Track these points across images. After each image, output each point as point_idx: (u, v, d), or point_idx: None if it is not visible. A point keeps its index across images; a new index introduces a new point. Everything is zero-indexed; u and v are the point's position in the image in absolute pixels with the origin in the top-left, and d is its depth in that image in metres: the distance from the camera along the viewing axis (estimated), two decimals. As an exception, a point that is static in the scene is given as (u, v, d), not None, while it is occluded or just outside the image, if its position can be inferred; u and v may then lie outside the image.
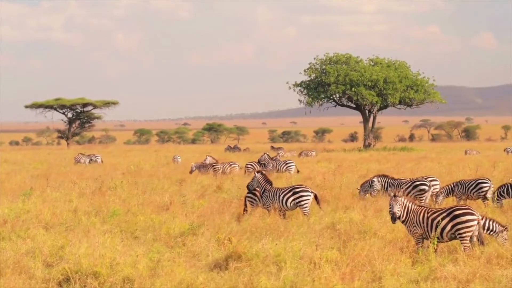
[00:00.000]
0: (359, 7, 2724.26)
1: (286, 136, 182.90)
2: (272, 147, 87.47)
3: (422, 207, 17.23)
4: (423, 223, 16.89)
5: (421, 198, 25.31)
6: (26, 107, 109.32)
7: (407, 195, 25.52)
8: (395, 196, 17.06)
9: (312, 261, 14.76)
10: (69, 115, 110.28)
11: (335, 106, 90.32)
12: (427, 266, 14.46)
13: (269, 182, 24.08)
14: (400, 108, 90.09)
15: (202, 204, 24.60)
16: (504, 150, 71.27)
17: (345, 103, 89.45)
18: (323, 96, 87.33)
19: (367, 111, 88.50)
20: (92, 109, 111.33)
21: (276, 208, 23.31)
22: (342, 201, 25.86)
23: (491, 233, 17.54)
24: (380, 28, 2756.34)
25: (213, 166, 42.89)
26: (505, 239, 17.42)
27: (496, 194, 24.69)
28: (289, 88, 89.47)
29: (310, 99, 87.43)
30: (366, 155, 69.35)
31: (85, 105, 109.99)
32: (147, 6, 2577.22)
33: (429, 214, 16.92)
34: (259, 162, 43.87)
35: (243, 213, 23.34)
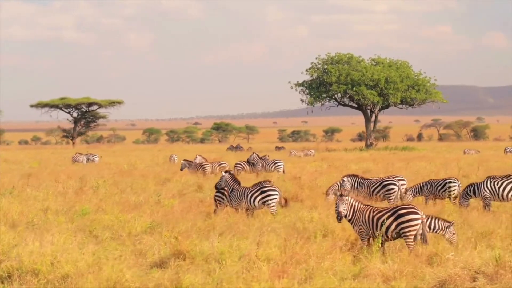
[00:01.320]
0: (371, 6, 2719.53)
1: (296, 135, 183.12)
2: (277, 147, 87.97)
3: (368, 206, 17.56)
4: (368, 222, 17.21)
5: (390, 198, 25.61)
6: (32, 106, 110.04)
7: (376, 194, 25.88)
8: (341, 195, 17.39)
9: (251, 258, 15.09)
10: (74, 114, 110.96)
11: (337, 105, 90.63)
12: (358, 264, 14.78)
13: (237, 181, 24.45)
14: (401, 108, 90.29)
15: (173, 204, 25.00)
16: (504, 150, 71.34)
17: (347, 102, 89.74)
18: (324, 95, 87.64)
19: (368, 111, 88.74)
20: (97, 109, 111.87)
21: (244, 207, 23.69)
22: (313, 200, 26.20)
23: (438, 231, 17.85)
24: (391, 28, 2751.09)
25: (202, 165, 43.27)
26: (453, 233, 17.73)
27: (463, 194, 24.95)
28: (291, 87, 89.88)
29: (312, 98, 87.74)
30: (365, 154, 69.62)
31: (90, 104, 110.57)
32: (157, 5, 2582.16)
33: (374, 213, 17.24)
34: (248, 161, 44.22)
35: (214, 212, 23.73)
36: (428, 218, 17.95)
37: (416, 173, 40.04)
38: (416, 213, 17.02)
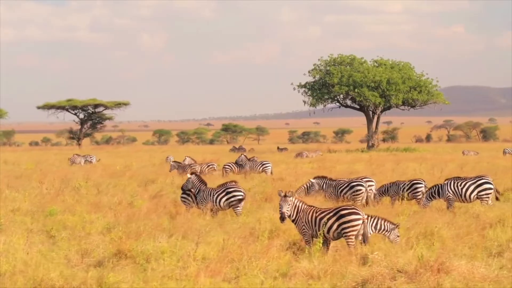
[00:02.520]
0: (384, 6, 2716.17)
1: (306, 136, 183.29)
2: (279, 148, 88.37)
3: (311, 207, 17.95)
4: (311, 222, 17.62)
5: (357, 198, 25.98)
6: (38, 108, 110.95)
7: (344, 195, 26.27)
8: (285, 196, 17.79)
9: (189, 257, 15.55)
10: (81, 115, 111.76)
11: (339, 107, 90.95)
12: (280, 262, 15.19)
13: (203, 182, 24.95)
14: (403, 109, 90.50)
15: (142, 204, 25.50)
16: (503, 152, 71.46)
17: (349, 104, 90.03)
18: (327, 97, 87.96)
19: (370, 112, 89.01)
20: (103, 110, 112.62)
21: (210, 207, 24.16)
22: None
23: (384, 232, 18.24)
24: (405, 28, 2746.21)
25: (191, 166, 43.76)
26: (397, 235, 18.14)
27: (427, 195, 25.32)
28: (294, 89, 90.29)
29: (314, 100, 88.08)
30: (364, 156, 69.95)
31: (96, 106, 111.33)
32: (171, 5, 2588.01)
33: (317, 214, 17.65)
34: (236, 163, 44.66)
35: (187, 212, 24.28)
36: (374, 219, 18.35)
37: (403, 174, 40.40)
38: (357, 214, 17.42)
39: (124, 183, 36.42)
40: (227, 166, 44.08)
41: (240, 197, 24.00)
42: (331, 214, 17.49)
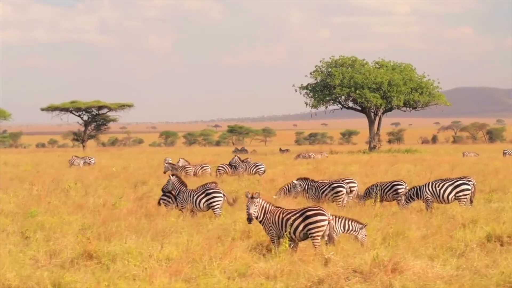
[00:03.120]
0: (393, 8, 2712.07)
1: (313, 138, 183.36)
2: (281, 149, 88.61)
3: (279, 208, 18.19)
4: (278, 223, 17.84)
5: (338, 199, 26.18)
6: (42, 109, 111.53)
7: (325, 196, 26.48)
8: (252, 197, 18.03)
9: (150, 258, 15.83)
10: (85, 117, 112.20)
11: (341, 108, 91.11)
12: (242, 263, 15.44)
13: (183, 184, 25.24)
14: (405, 111, 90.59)
15: (124, 206, 25.80)
16: (503, 153, 71.45)
17: (350, 105, 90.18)
18: (328, 98, 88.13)
19: (372, 114, 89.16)
20: (107, 112, 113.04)
21: (189, 208, 24.43)
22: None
23: (352, 232, 18.50)
24: (413, 29, 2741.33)
25: (185, 168, 44.07)
26: (365, 235, 18.40)
27: (406, 196, 25.53)
28: (295, 90, 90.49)
29: (316, 101, 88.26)
30: (364, 157, 70.11)
31: (100, 107, 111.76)
32: (179, 7, 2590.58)
33: (284, 215, 17.87)
34: (230, 164, 44.92)
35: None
36: (342, 219, 18.62)
37: (397, 175, 40.58)
38: (323, 215, 17.64)
39: (115, 185, 36.72)
40: (221, 168, 44.35)
41: (219, 198, 24.24)
42: (298, 215, 17.71)
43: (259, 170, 43.98)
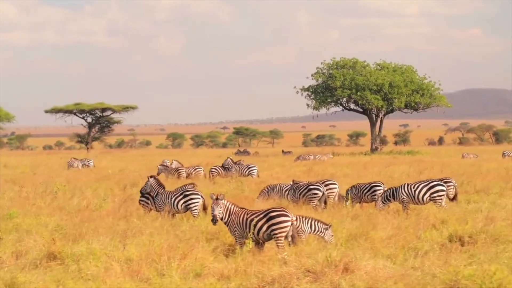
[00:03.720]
0: (402, 9, 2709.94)
1: (321, 139, 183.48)
2: (283, 151, 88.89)
3: (243, 209, 18.47)
4: (242, 224, 18.12)
5: (312, 201, 26.41)
6: (46, 112, 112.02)
7: (302, 197, 26.74)
8: (216, 199, 18.30)
9: (108, 258, 16.12)
10: (89, 119, 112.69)
11: (343, 110, 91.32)
12: (198, 263, 15.72)
13: (161, 186, 25.54)
14: (406, 112, 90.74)
15: (104, 207, 26.14)
16: (502, 154, 71.56)
17: (352, 107, 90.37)
18: (330, 100, 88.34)
19: (374, 116, 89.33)
20: (111, 114, 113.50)
21: (167, 210, 24.73)
22: (242, 204, 27.02)
23: (317, 232, 18.78)
24: (422, 31, 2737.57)
25: (178, 170, 44.38)
26: (331, 235, 18.69)
27: (382, 197, 25.76)
28: (297, 92, 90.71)
29: (317, 103, 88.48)
30: (364, 159, 70.37)
31: (104, 109, 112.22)
32: (187, 9, 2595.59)
33: (248, 216, 18.15)
34: (223, 166, 45.20)
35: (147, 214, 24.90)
36: (308, 220, 18.91)
37: (389, 177, 40.81)
38: (286, 216, 17.91)
39: (104, 186, 37.02)
40: (213, 170, 44.64)
41: (196, 200, 24.52)
42: (261, 216, 17.99)
43: (251, 172, 44.25)
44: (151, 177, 26.03)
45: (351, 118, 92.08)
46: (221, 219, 18.29)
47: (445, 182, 27.96)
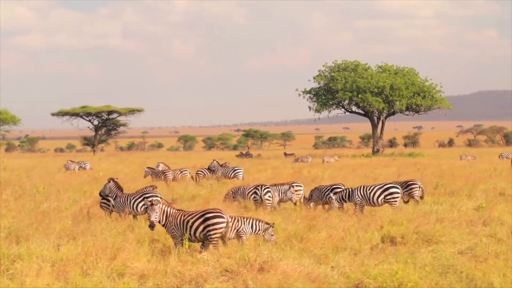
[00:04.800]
0: (416, 11, 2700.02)
1: (333, 141, 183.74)
2: (285, 154, 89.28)
3: (180, 211, 18.93)
4: (179, 225, 18.59)
5: (267, 202, 26.82)
6: (53, 114, 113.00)
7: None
8: (151, 204, 18.75)
9: (38, 259, 16.63)
10: (95, 122, 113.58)
11: (344, 112, 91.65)
12: (122, 263, 16.20)
13: (120, 188, 26.06)
14: (408, 115, 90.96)
15: (68, 209, 26.72)
16: (500, 156, 71.72)
17: (354, 109, 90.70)
18: (331, 102, 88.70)
19: (375, 118, 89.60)
20: (117, 117, 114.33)
21: (127, 212, 25.25)
22: (208, 205, 27.51)
23: (258, 232, 19.26)
24: (436, 33, 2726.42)
25: (164, 172, 44.88)
26: (272, 235, 19.14)
27: (337, 198, 26.17)
28: (299, 95, 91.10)
29: (319, 105, 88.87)
30: (363, 161, 70.61)
31: (110, 112, 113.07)
32: (203, 12, 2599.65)
33: (184, 217, 18.62)
34: (209, 168, 45.67)
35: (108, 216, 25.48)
36: (249, 220, 19.38)
37: (372, 179, 41.19)
38: (221, 217, 18.38)
39: (87, 189, 37.55)
40: (200, 172, 45.13)
41: (155, 202, 24.99)
42: (197, 217, 18.46)
43: (237, 174, 44.69)
44: (110, 179, 26.55)
45: (365, 120, 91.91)
46: (160, 222, 18.73)
47: (411, 185, 28.45)
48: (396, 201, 25.58)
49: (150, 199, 19.20)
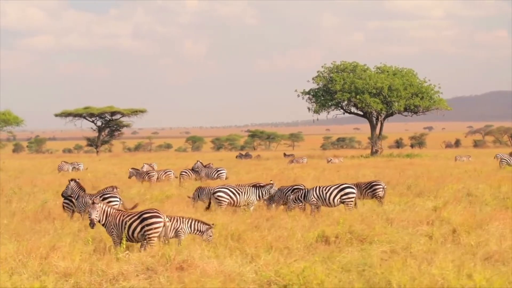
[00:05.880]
0: (427, 12, 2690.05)
1: (341, 142, 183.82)
2: (285, 154, 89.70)
3: (119, 211, 19.39)
4: (119, 225, 19.05)
5: (219, 204, 27.18)
6: (56, 115, 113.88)
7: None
8: (93, 203, 19.24)
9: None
10: (98, 123, 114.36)
11: (343, 113, 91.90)
12: (47, 262, 16.68)
13: (82, 189, 26.57)
14: (406, 115, 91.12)
15: (32, 209, 27.28)
16: (495, 157, 71.67)
17: (353, 110, 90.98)
18: (330, 103, 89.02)
19: (374, 119, 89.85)
20: (120, 117, 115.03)
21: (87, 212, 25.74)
22: (177, 206, 28.03)
23: (198, 232, 19.72)
24: (448, 33, 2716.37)
25: (148, 173, 45.38)
26: (210, 235, 19.60)
27: (293, 198, 26.57)
28: (298, 96, 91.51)
29: (318, 106, 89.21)
30: (358, 162, 70.90)
31: (113, 113, 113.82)
32: (213, 12, 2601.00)
33: (123, 217, 19.09)
34: (193, 169, 46.15)
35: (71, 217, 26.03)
36: (189, 221, 19.84)
37: (356, 179, 41.52)
38: (159, 217, 18.84)
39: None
40: (183, 173, 45.62)
41: (114, 203, 25.47)
42: (135, 217, 18.92)
43: (220, 175, 45.17)
44: (71, 180, 27.04)
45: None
46: (100, 221, 19.20)
47: (374, 185, 28.83)
48: (351, 201, 25.94)
49: (92, 198, 19.68)
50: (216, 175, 45.24)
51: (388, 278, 13.84)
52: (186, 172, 45.72)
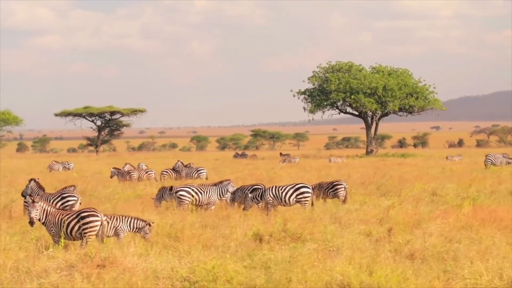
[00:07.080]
0: (435, 12, 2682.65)
1: (346, 142, 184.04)
2: (281, 154, 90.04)
3: (59, 210, 19.83)
4: (58, 224, 19.48)
5: (181, 203, 27.57)
6: (56, 115, 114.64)
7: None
8: (33, 201, 19.66)
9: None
10: (98, 123, 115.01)
11: (339, 113, 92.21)
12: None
13: (41, 188, 27.07)
14: (401, 115, 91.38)
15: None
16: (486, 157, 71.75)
17: (348, 110, 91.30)
18: (325, 103, 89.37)
19: (369, 119, 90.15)
20: (120, 117, 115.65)
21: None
22: (144, 205, 28.42)
23: (136, 230, 20.19)
24: (456, 33, 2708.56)
25: (129, 173, 45.87)
26: (147, 233, 20.06)
27: (250, 197, 26.96)
28: (293, 96, 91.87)
29: (313, 106, 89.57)
30: (353, 161, 71.22)
31: (113, 113, 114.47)
32: (221, 12, 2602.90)
33: (63, 216, 19.52)
34: (173, 169, 46.60)
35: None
36: (127, 218, 20.30)
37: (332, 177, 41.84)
38: (96, 216, 19.27)
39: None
40: (164, 172, 46.12)
41: (72, 202, 25.96)
42: (74, 216, 19.35)
43: (201, 174, 45.64)
44: (31, 180, 27.54)
45: (383, 120, 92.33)
46: (39, 220, 19.63)
47: (336, 185, 29.21)
48: (307, 200, 26.34)
49: (32, 197, 20.12)
50: (196, 174, 45.70)
51: (289, 275, 14.22)
52: (167, 172, 46.20)
